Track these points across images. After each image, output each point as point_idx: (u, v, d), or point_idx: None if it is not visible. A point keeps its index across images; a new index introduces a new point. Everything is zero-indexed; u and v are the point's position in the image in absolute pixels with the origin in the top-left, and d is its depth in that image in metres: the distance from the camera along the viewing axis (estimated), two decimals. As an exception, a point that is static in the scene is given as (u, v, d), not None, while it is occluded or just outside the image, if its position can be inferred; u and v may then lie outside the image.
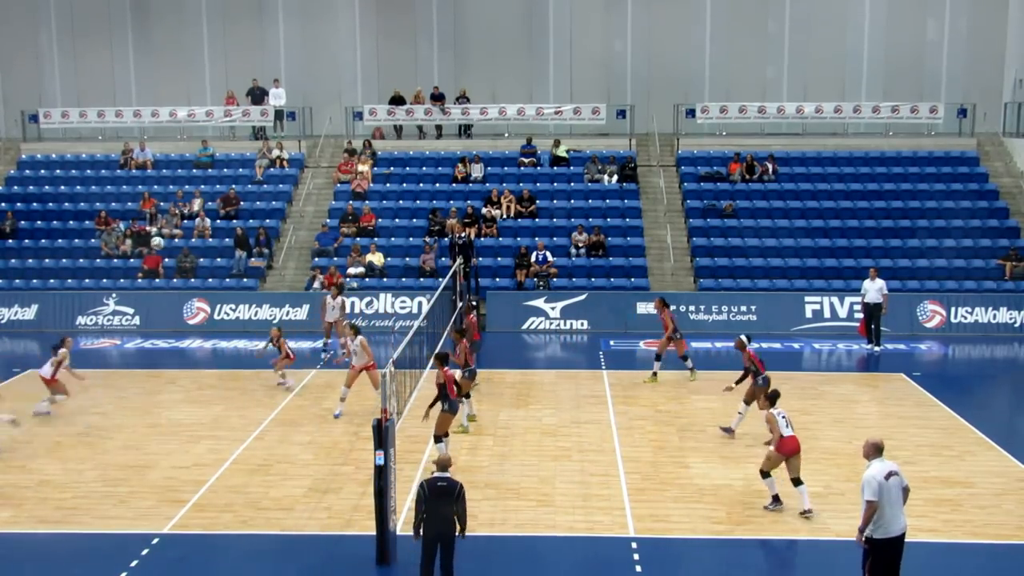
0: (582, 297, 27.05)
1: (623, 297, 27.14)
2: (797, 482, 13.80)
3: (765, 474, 14.10)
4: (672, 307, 26.44)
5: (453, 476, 11.43)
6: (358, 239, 29.19)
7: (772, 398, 14.55)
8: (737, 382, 17.62)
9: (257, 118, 34.53)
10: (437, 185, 31.92)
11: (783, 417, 14.06)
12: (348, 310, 24.28)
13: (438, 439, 15.43)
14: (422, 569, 11.26)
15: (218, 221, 30.54)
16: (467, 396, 17.88)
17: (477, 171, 32.11)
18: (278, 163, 32.86)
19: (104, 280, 28.52)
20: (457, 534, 11.27)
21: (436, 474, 11.35)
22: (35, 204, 31.68)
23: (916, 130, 33.62)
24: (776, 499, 14.07)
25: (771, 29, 35.93)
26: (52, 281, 28.58)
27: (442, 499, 11.14)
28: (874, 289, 24.31)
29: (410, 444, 16.55)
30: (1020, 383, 22.86)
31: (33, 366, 23.07)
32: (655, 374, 21.04)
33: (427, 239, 29.09)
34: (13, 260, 29.46)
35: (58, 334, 26.26)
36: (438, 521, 11.15)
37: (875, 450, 10.64)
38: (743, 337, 17.83)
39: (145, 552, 12.77)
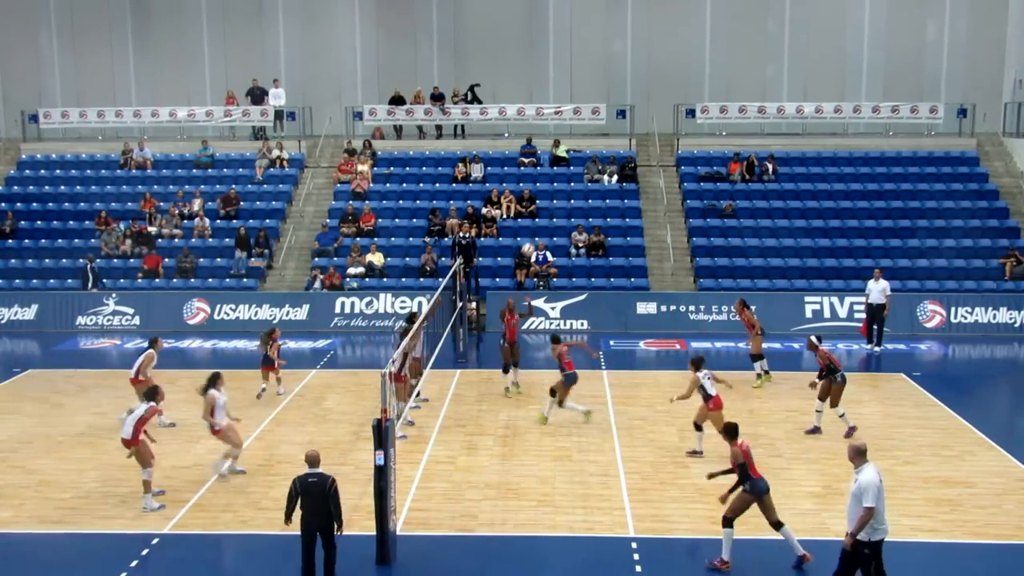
0: (582, 297, 27.05)
1: (623, 297, 27.14)
2: (699, 427, 16.25)
3: (698, 427, 16.22)
4: (674, 307, 26.80)
5: (324, 472, 11.66)
6: (358, 239, 29.20)
7: (696, 362, 16.21)
8: (818, 378, 17.46)
9: (257, 118, 34.52)
10: (437, 185, 31.91)
11: (708, 379, 15.98)
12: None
13: (727, 522, 12.24)
14: (303, 564, 11.46)
15: (218, 221, 30.53)
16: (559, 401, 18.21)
17: (477, 171, 32.10)
18: (278, 163, 32.85)
19: (104, 280, 28.52)
20: (336, 531, 11.53)
21: (308, 471, 11.60)
22: (35, 204, 31.68)
23: (916, 130, 33.62)
24: (694, 452, 16.17)
25: (771, 29, 35.92)
26: (52, 281, 28.57)
27: (313, 495, 11.41)
28: (877, 290, 24.28)
29: (410, 444, 16.59)
30: (1020, 383, 22.83)
31: (33, 366, 23.13)
32: (767, 372, 20.81)
33: (427, 239, 29.09)
34: (13, 260, 29.45)
35: (59, 334, 26.50)
36: (315, 516, 11.43)
37: (860, 454, 10.69)
38: (813, 338, 18.00)
39: (145, 552, 12.77)
